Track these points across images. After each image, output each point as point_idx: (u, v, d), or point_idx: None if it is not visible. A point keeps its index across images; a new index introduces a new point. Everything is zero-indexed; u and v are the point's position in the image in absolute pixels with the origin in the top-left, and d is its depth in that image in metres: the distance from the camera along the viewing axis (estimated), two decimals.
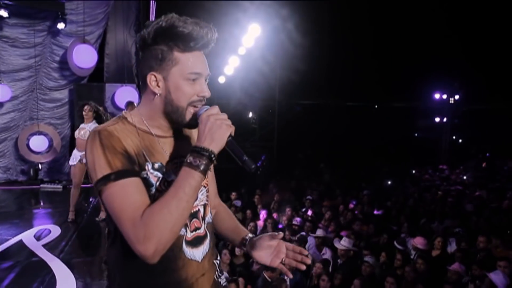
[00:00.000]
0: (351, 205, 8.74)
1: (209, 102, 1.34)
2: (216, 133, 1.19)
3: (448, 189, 10.70)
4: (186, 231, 1.26)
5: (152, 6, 9.16)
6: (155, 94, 1.26)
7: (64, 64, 8.60)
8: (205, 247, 1.33)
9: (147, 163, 1.22)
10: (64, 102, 9.00)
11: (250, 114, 16.00)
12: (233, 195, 9.59)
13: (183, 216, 1.13)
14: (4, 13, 7.62)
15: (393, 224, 7.33)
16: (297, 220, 6.85)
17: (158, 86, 1.25)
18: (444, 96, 17.69)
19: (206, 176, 1.21)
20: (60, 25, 8.04)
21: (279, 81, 14.02)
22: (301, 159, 14.42)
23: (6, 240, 4.92)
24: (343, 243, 5.59)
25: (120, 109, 8.66)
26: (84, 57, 8.19)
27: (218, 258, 1.44)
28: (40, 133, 8.62)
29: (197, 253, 1.30)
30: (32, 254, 4.45)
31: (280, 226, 7.53)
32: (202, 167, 1.15)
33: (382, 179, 11.89)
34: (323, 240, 5.97)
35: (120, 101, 8.62)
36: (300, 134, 14.96)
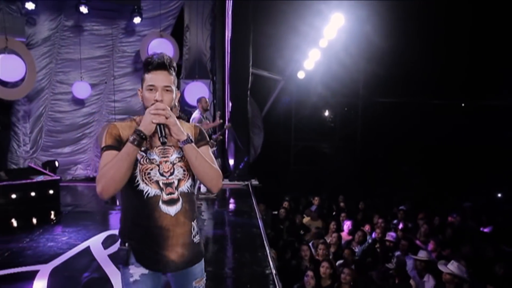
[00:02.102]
0: (450, 218, 7.50)
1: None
2: (145, 120, 1.76)
3: None
4: (162, 194, 1.81)
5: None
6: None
7: (137, 58, 8.47)
8: (177, 207, 1.83)
9: None
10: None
11: (327, 113, 14.95)
12: (316, 200, 8.77)
13: (119, 168, 1.70)
14: (84, 9, 7.62)
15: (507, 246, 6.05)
16: (391, 236, 5.84)
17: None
18: None
19: (182, 159, 1.88)
20: (136, 19, 7.90)
21: (363, 76, 12.85)
22: (382, 160, 13.12)
23: (75, 245, 4.64)
24: (451, 268, 4.52)
25: (189, 105, 8.34)
26: (160, 51, 7.91)
27: (195, 221, 1.93)
28: None
29: (171, 210, 1.81)
30: (97, 265, 4.07)
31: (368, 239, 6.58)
32: (135, 142, 1.73)
33: (489, 188, 10.26)
34: (426, 265, 4.93)
35: (190, 97, 8.27)
36: (384, 134, 13.59)
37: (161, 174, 1.81)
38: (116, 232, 5.07)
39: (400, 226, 6.91)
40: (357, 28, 11.06)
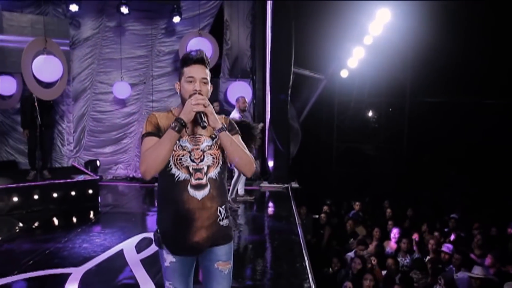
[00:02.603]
0: (510, 230, 6.83)
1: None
2: (185, 109, 1.91)
3: None
4: (191, 178, 1.96)
5: None
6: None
7: (176, 57, 8.43)
8: (205, 192, 1.97)
9: None
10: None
11: (371, 113, 14.31)
12: (357, 205, 8.32)
13: (161, 151, 1.88)
14: (125, 10, 7.68)
15: None
16: (447, 248, 5.34)
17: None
18: None
19: (212, 147, 2.03)
20: (176, 19, 7.87)
21: (411, 75, 12.17)
22: (429, 163, 12.37)
23: (109, 248, 4.56)
24: None
25: (231, 105, 8.20)
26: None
27: (223, 206, 2.04)
28: None
29: (198, 194, 1.96)
30: (128, 270, 3.95)
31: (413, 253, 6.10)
32: (176, 128, 1.89)
33: None
34: (482, 284, 4.44)
35: (233, 97, 8.14)
36: (432, 135, 12.80)
37: (192, 160, 1.97)
38: (150, 235, 4.98)
39: (452, 237, 6.36)
40: (404, 24, 10.46)
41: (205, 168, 1.98)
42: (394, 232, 6.72)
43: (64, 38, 7.66)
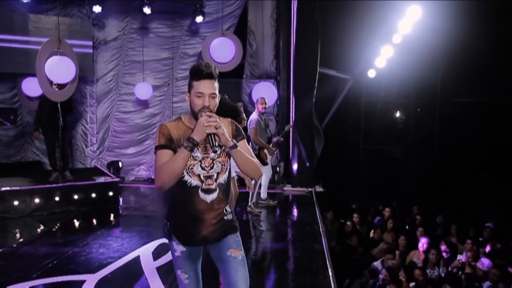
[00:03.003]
0: None
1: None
2: (197, 130, 1.99)
3: None
4: (202, 184, 2.10)
5: None
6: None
7: (199, 59, 8.31)
8: (213, 195, 2.11)
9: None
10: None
11: (399, 114, 13.82)
12: (387, 211, 7.96)
13: (176, 169, 1.99)
14: (148, 10, 7.60)
15: None
16: (483, 264, 4.94)
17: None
18: None
19: (220, 155, 2.14)
20: (199, 18, 7.74)
21: (441, 74, 11.65)
22: (460, 166, 11.81)
23: (125, 254, 4.45)
24: None
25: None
26: (222, 51, 7.66)
27: (228, 205, 2.21)
28: None
29: (208, 197, 2.10)
30: (143, 279, 3.82)
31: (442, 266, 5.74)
32: (188, 148, 1.98)
33: None
34: None
35: (257, 97, 7.94)
36: (463, 138, 12.23)
37: (203, 168, 2.10)
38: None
39: (487, 248, 5.95)
40: (435, 22, 10.00)
41: (215, 175, 2.13)
42: (423, 242, 6.37)
43: (87, 39, 7.69)
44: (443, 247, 6.49)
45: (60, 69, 5.88)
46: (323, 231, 5.35)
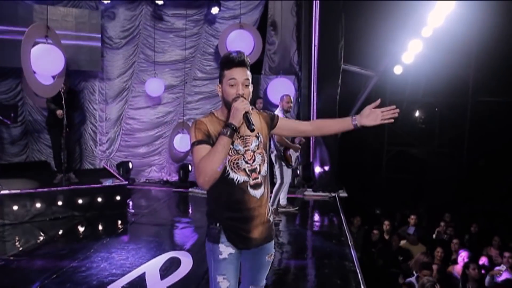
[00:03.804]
0: None
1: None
2: (233, 114, 1.91)
3: None
4: (249, 179, 2.03)
5: None
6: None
7: (217, 57, 7.80)
8: (261, 189, 2.07)
9: None
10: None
11: (417, 113, 13.02)
12: (412, 219, 7.29)
13: (218, 160, 1.86)
14: (160, 1, 7.08)
15: None
16: None
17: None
18: None
19: (259, 146, 2.07)
20: (214, 10, 7.22)
21: (474, 71, 10.87)
22: (493, 170, 11.02)
23: (130, 270, 3.93)
24: None
25: (271, 103, 7.48)
26: (239, 44, 7.09)
27: (270, 201, 2.34)
28: (184, 131, 7.83)
29: (257, 193, 2.05)
30: None
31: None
32: (228, 133, 1.88)
33: None
34: None
35: (273, 95, 7.41)
36: (496, 139, 11.43)
37: (246, 162, 2.03)
38: (178, 254, 4.32)
39: None
40: (469, 15, 9.23)
41: (258, 168, 2.07)
42: (463, 256, 5.75)
43: (95, 32, 7.22)
44: (482, 261, 5.88)
45: (46, 59, 5.36)
46: (352, 245, 4.74)
